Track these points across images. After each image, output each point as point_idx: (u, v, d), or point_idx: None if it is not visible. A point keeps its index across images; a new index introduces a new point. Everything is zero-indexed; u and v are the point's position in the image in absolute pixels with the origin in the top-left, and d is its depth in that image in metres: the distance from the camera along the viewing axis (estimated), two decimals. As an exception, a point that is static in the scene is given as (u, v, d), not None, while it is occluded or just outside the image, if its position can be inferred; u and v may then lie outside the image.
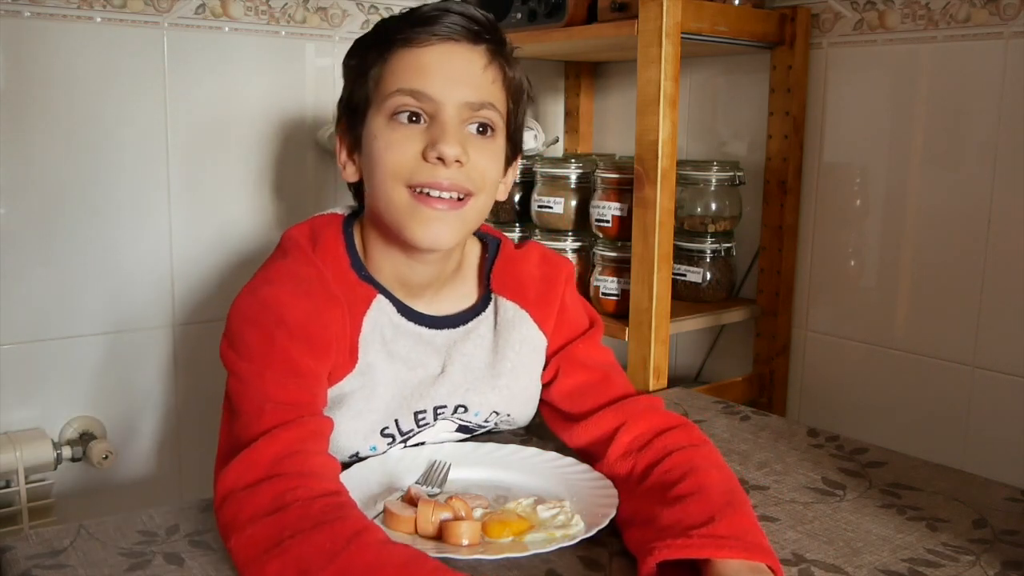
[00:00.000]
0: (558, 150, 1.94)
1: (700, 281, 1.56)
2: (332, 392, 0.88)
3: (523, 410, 1.00)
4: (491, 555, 0.72)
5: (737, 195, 1.56)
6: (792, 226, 1.56)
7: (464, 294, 0.98)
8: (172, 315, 1.50)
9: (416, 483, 0.87)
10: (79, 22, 1.35)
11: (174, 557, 0.75)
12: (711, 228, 1.54)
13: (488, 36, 0.87)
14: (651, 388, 1.36)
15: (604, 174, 1.47)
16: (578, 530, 0.77)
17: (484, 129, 0.87)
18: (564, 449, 0.95)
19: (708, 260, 1.56)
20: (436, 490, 0.85)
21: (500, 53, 0.89)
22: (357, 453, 0.92)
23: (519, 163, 0.97)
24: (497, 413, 0.98)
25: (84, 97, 1.37)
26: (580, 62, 1.89)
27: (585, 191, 1.55)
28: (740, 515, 0.74)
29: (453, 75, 0.84)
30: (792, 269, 1.58)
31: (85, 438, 1.42)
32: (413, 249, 0.88)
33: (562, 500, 0.82)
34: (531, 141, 1.78)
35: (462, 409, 0.95)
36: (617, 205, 1.45)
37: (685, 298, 1.57)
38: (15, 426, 1.37)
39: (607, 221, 1.47)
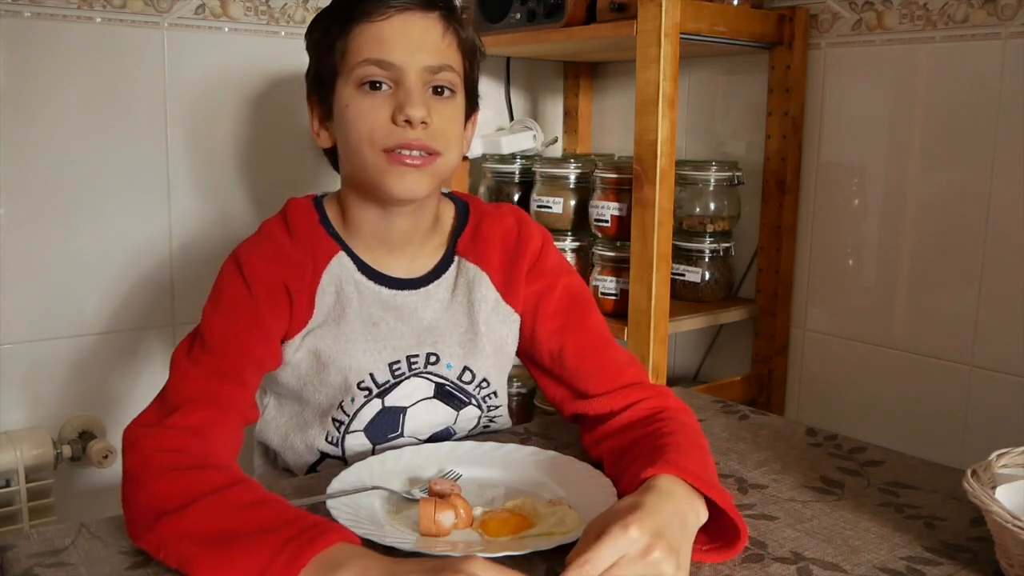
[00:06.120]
0: (557, 150, 1.94)
1: (699, 281, 1.56)
2: (303, 346, 0.95)
3: (498, 378, 1.04)
4: (490, 553, 0.72)
5: (736, 195, 1.57)
6: (790, 226, 1.57)
7: (435, 256, 1.02)
8: (172, 315, 1.50)
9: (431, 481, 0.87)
10: (79, 22, 1.36)
11: (175, 556, 0.75)
12: (710, 228, 1.55)
13: (439, 3, 0.94)
14: (650, 387, 1.36)
15: (603, 174, 1.47)
16: (577, 528, 0.77)
17: (442, 90, 0.93)
18: (564, 448, 0.95)
19: (707, 260, 1.56)
20: (458, 473, 0.88)
21: (452, 18, 0.95)
22: (340, 404, 0.96)
23: (477, 117, 1.04)
24: (472, 373, 1.00)
25: (84, 97, 1.38)
26: (579, 62, 1.89)
27: (584, 191, 1.55)
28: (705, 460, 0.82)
29: (412, 42, 0.91)
30: (790, 269, 1.59)
31: (85, 438, 1.42)
32: (389, 202, 0.95)
33: (561, 498, 0.82)
34: (530, 141, 1.78)
35: (434, 358, 0.98)
36: (616, 205, 1.45)
37: (684, 298, 1.57)
38: (15, 426, 1.38)
39: (606, 221, 1.47)
